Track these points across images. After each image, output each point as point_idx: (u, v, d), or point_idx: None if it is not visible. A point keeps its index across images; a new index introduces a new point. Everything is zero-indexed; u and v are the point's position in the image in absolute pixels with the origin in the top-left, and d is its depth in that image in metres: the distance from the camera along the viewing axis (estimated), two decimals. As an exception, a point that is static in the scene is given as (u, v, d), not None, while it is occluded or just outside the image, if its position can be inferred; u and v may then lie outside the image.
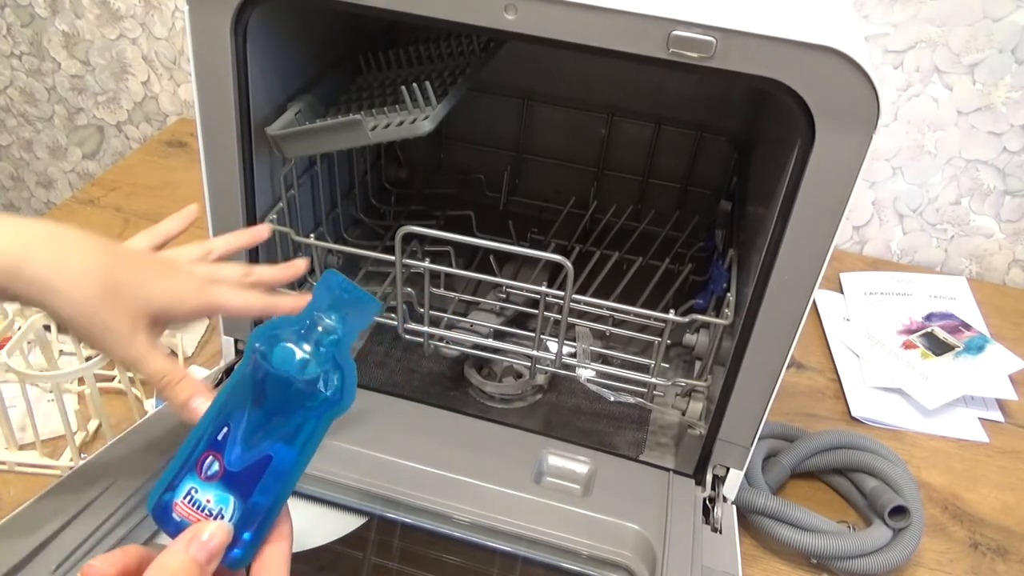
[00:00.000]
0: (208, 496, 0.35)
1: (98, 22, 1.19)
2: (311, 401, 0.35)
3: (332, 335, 0.36)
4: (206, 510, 0.35)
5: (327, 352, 0.36)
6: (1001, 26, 0.89)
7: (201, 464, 0.35)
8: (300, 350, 0.35)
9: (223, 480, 0.35)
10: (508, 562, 0.56)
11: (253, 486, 0.35)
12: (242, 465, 0.35)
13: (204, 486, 0.35)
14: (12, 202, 1.47)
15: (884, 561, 0.62)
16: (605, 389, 0.63)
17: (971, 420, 0.81)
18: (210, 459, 0.35)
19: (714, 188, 0.86)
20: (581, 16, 0.44)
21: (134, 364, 0.44)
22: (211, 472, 0.35)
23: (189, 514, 0.35)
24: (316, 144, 0.59)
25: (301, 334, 0.36)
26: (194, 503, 0.35)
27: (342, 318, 0.36)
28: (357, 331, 0.37)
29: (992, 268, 1.07)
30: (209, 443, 0.35)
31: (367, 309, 0.37)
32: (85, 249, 0.42)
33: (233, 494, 0.35)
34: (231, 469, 0.35)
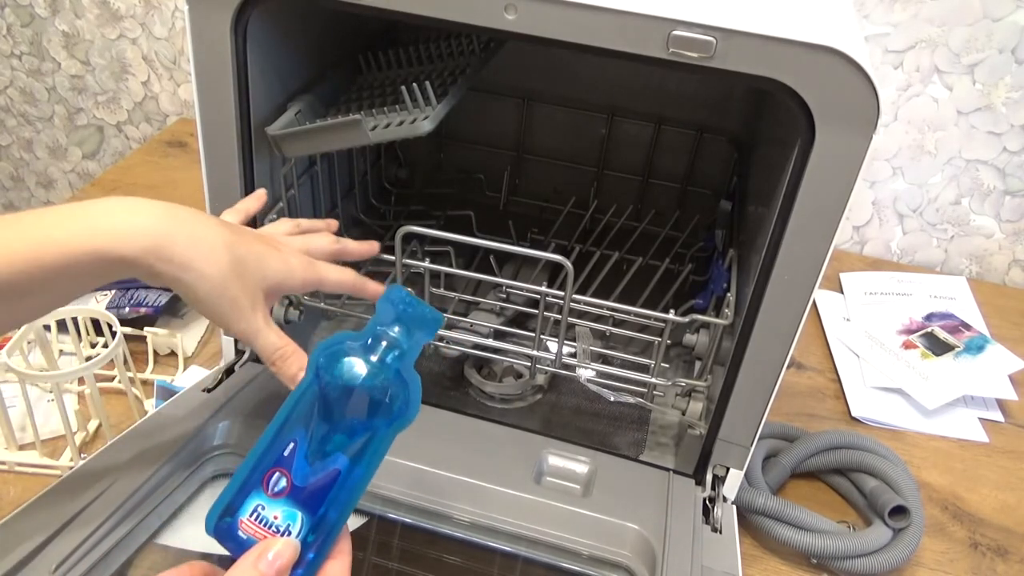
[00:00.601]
0: (276, 512, 0.35)
1: (98, 22, 1.19)
2: (378, 415, 0.36)
3: (396, 349, 0.37)
4: (273, 527, 0.35)
5: (392, 366, 0.36)
6: (1001, 26, 0.89)
7: (267, 481, 0.35)
8: (366, 365, 0.36)
9: (291, 496, 0.35)
10: (508, 562, 0.56)
11: (321, 501, 0.35)
12: (310, 480, 0.35)
13: (271, 503, 0.35)
14: (12, 202, 1.47)
15: (884, 561, 0.62)
16: (605, 389, 0.63)
17: (971, 420, 0.81)
18: (277, 475, 0.35)
19: (714, 188, 0.86)
20: (581, 16, 0.44)
21: (252, 337, 0.45)
22: (278, 488, 0.35)
23: (255, 531, 0.35)
24: (316, 144, 0.59)
25: (366, 349, 0.36)
26: (261, 520, 0.35)
27: (406, 332, 0.37)
28: (421, 345, 0.38)
29: (992, 268, 1.07)
30: (276, 460, 0.35)
31: (430, 323, 0.38)
32: (211, 226, 0.43)
33: (301, 510, 0.35)
34: (299, 484, 0.35)
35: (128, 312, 0.78)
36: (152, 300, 0.79)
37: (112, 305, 0.79)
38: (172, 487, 0.55)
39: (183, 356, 0.77)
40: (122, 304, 0.79)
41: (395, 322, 0.37)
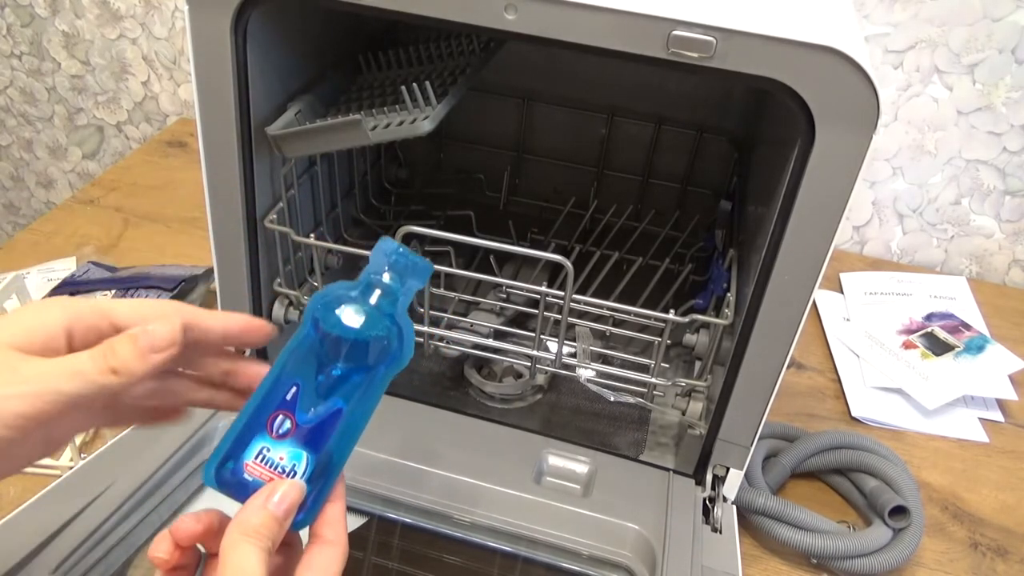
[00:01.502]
0: (281, 453, 0.36)
1: (98, 22, 1.19)
2: (375, 359, 0.38)
3: (390, 296, 0.38)
4: (279, 467, 0.36)
5: (386, 312, 0.38)
6: (1001, 26, 0.89)
7: (272, 423, 0.36)
8: (362, 312, 0.38)
9: (295, 436, 0.36)
10: (508, 562, 0.56)
11: (324, 440, 0.36)
12: (314, 420, 0.36)
13: (276, 444, 0.36)
14: (12, 202, 1.47)
15: (884, 561, 0.62)
16: (605, 389, 0.63)
17: (971, 420, 0.81)
18: (281, 418, 0.36)
19: (714, 188, 0.86)
20: (581, 16, 0.44)
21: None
22: (283, 430, 0.36)
23: (262, 472, 0.36)
24: (316, 144, 0.59)
25: (361, 297, 0.38)
26: (266, 461, 0.36)
27: (398, 280, 0.39)
28: (413, 292, 0.40)
29: (992, 268, 1.07)
30: (279, 403, 0.37)
31: (421, 270, 0.40)
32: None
33: (305, 449, 0.36)
34: (303, 425, 0.36)
35: (128, 312, 0.78)
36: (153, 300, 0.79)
37: (112, 305, 0.79)
38: (172, 487, 0.55)
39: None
40: (122, 304, 0.79)
41: (388, 270, 0.39)
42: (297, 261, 0.68)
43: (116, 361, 0.34)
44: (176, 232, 0.98)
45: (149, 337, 0.34)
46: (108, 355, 0.34)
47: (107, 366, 0.33)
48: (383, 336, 0.38)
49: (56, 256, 0.91)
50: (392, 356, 0.38)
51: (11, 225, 1.50)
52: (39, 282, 0.86)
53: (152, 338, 0.34)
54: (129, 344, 0.34)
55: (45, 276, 0.87)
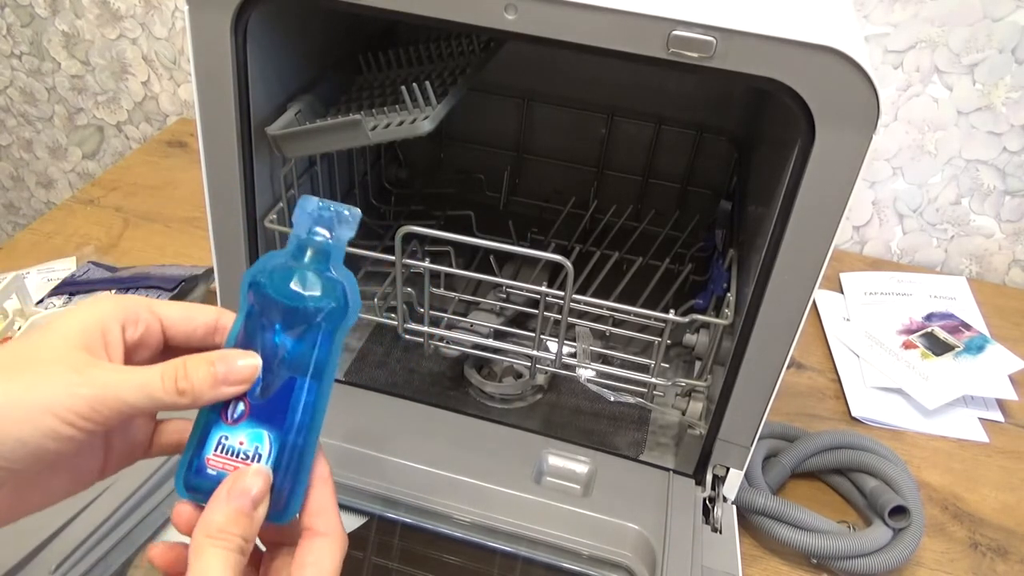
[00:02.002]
0: (240, 438, 0.34)
1: (98, 22, 1.19)
2: (320, 317, 0.36)
3: (322, 252, 0.37)
4: (241, 453, 0.34)
5: (323, 270, 0.37)
6: (1001, 26, 0.89)
7: (225, 412, 0.35)
8: (298, 275, 0.36)
9: (252, 416, 0.35)
10: (508, 562, 0.56)
11: (284, 412, 0.35)
12: (267, 395, 0.35)
13: (233, 429, 0.34)
14: (12, 202, 1.47)
15: (884, 561, 0.62)
16: (605, 389, 0.63)
17: (971, 420, 0.81)
18: (233, 403, 0.35)
19: (714, 188, 0.86)
20: (581, 16, 0.44)
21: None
22: (237, 414, 0.35)
23: (224, 464, 0.34)
24: (316, 144, 0.59)
25: (293, 259, 0.37)
26: (226, 450, 0.34)
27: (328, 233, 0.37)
28: (345, 242, 0.38)
29: (992, 268, 1.07)
30: None
31: (349, 219, 0.38)
32: None
33: (265, 427, 0.34)
34: (256, 403, 0.35)
35: (128, 312, 0.78)
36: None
37: (112, 305, 0.79)
38: (172, 487, 0.55)
39: (183, 356, 0.77)
40: (122, 304, 0.79)
41: (314, 226, 0.37)
42: (297, 261, 0.68)
43: (187, 384, 0.33)
44: (176, 232, 0.98)
45: (226, 367, 0.34)
46: (180, 375, 0.33)
47: (176, 387, 0.33)
48: (325, 295, 0.36)
49: (56, 256, 0.91)
50: (338, 312, 0.36)
51: (11, 225, 1.50)
52: (39, 282, 0.86)
53: (229, 368, 0.34)
54: (205, 369, 0.33)
55: (45, 276, 0.87)
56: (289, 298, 0.36)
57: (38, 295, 0.83)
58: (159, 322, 0.36)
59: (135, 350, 0.35)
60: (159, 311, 0.36)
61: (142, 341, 0.35)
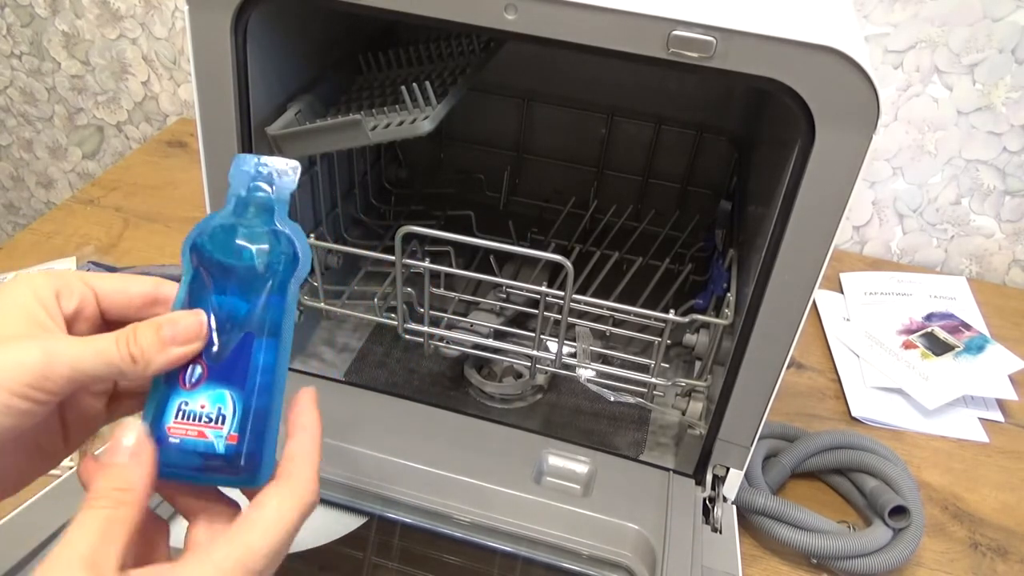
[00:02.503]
0: (200, 401, 0.33)
1: (98, 22, 1.19)
2: (271, 272, 0.35)
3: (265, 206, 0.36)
4: (203, 417, 0.33)
5: (266, 224, 0.36)
6: (1001, 26, 0.89)
7: (182, 377, 0.33)
8: (241, 232, 0.35)
9: (211, 378, 0.33)
10: (508, 562, 0.56)
11: (245, 371, 0.33)
12: (225, 355, 0.34)
13: (192, 394, 0.33)
14: (12, 202, 1.47)
15: (884, 561, 0.62)
16: (605, 389, 0.63)
17: (971, 420, 0.81)
18: (190, 367, 0.33)
19: (714, 188, 0.86)
20: (581, 16, 0.44)
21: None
22: (195, 378, 0.33)
23: (187, 430, 0.33)
24: (316, 144, 0.59)
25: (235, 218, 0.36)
26: (187, 416, 0.33)
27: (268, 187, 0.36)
28: (288, 193, 0.37)
29: (992, 268, 1.07)
30: None
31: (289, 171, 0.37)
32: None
33: (226, 386, 0.33)
34: (213, 364, 0.33)
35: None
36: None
37: (112, 305, 0.79)
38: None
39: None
40: (122, 304, 0.79)
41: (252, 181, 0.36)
42: (297, 261, 0.68)
43: (136, 349, 0.32)
44: (176, 232, 0.98)
45: (172, 328, 0.33)
46: (131, 341, 0.32)
47: (128, 352, 0.32)
48: (270, 248, 0.35)
49: (56, 256, 0.91)
50: (288, 264, 0.35)
51: (11, 225, 1.50)
52: (39, 282, 0.86)
53: (175, 329, 0.33)
54: (152, 333, 0.33)
55: (45, 276, 0.87)
56: (235, 256, 0.35)
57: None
58: (93, 293, 0.35)
59: (73, 322, 0.34)
60: (92, 283, 0.35)
61: (78, 313, 0.34)
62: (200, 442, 0.33)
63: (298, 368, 0.69)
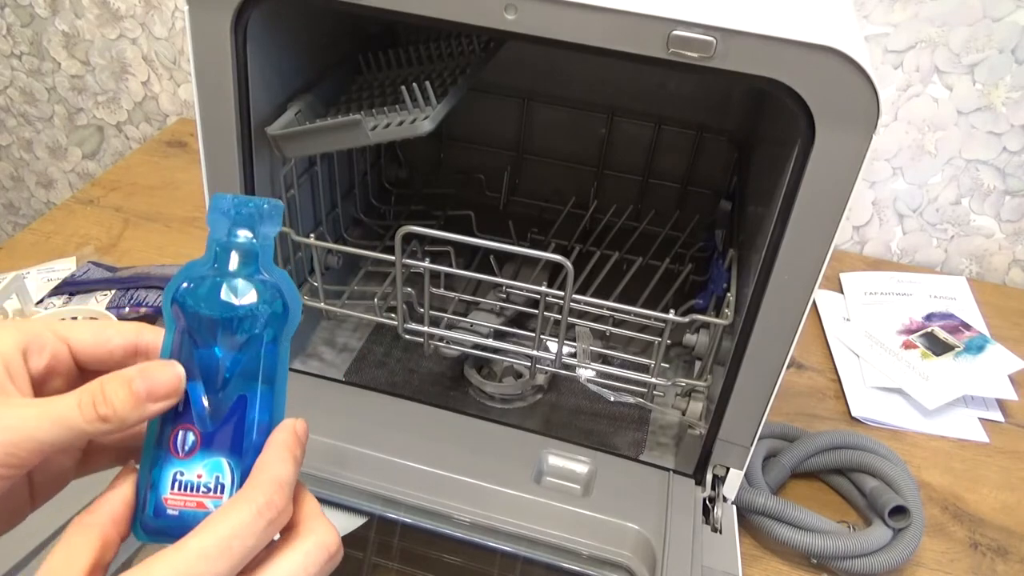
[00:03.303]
0: (197, 471, 0.31)
1: (98, 22, 1.19)
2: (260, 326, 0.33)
3: (248, 255, 0.33)
4: (201, 487, 0.31)
5: (252, 273, 0.33)
6: (1001, 26, 0.89)
7: (174, 444, 0.32)
8: (224, 283, 0.33)
9: (204, 446, 0.32)
10: (508, 562, 0.56)
11: (241, 436, 0.32)
12: (218, 421, 0.32)
13: (187, 463, 0.32)
14: (12, 202, 1.47)
15: (884, 561, 0.62)
16: (605, 389, 0.63)
17: (971, 420, 0.81)
18: (181, 434, 0.32)
19: (714, 188, 0.86)
20: (581, 16, 0.44)
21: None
22: (188, 446, 0.32)
23: (185, 501, 0.31)
24: (316, 144, 0.59)
25: (216, 268, 0.33)
26: (184, 486, 0.31)
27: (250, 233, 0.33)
28: (272, 239, 0.34)
29: (992, 268, 1.07)
30: (174, 420, 0.32)
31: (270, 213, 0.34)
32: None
33: (222, 454, 0.32)
34: (208, 430, 0.32)
35: (128, 312, 0.78)
36: (152, 300, 0.79)
37: (112, 305, 0.79)
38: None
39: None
40: (122, 304, 0.79)
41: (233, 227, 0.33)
42: (297, 261, 0.68)
43: (107, 408, 0.30)
44: (176, 232, 0.98)
45: (147, 383, 0.30)
46: (98, 401, 0.30)
47: (96, 414, 0.30)
48: (261, 301, 0.33)
49: (56, 256, 0.91)
50: (278, 317, 0.33)
51: (11, 225, 1.50)
52: (39, 282, 0.86)
53: (150, 383, 0.31)
54: (123, 389, 0.30)
55: (45, 276, 0.87)
56: (221, 311, 0.32)
57: (38, 295, 0.83)
58: (66, 347, 0.33)
59: (46, 380, 0.32)
60: (66, 334, 0.33)
61: (51, 369, 0.32)
62: (200, 513, 0.32)
63: (298, 368, 0.69)
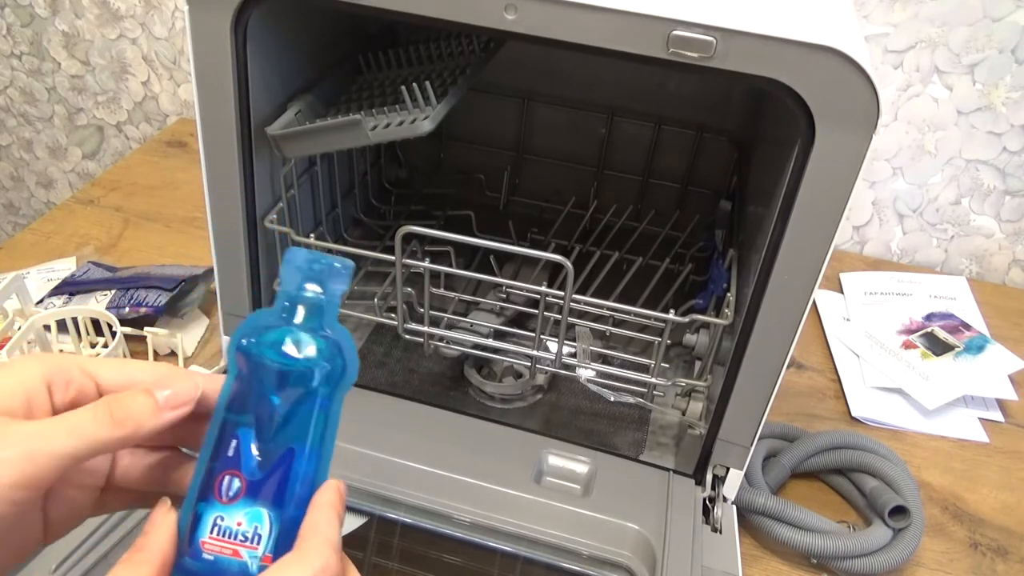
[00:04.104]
0: (237, 518, 0.32)
1: (98, 22, 1.19)
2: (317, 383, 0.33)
3: (316, 311, 0.34)
4: (239, 535, 0.32)
5: (317, 330, 0.34)
6: (1001, 26, 0.89)
7: (219, 488, 0.32)
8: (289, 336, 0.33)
9: (248, 494, 0.32)
10: (508, 562, 0.56)
11: (284, 489, 0.32)
12: (265, 471, 0.32)
13: (229, 509, 0.32)
14: (12, 202, 1.47)
15: (884, 561, 0.62)
16: (605, 389, 0.63)
17: (971, 420, 0.81)
18: (227, 479, 0.32)
19: (714, 188, 0.86)
20: (581, 16, 0.44)
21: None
22: (233, 492, 0.32)
23: (222, 548, 0.32)
24: (316, 144, 0.59)
25: (284, 320, 0.34)
26: (223, 532, 0.32)
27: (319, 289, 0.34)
28: (339, 297, 0.35)
29: (992, 268, 1.07)
30: (223, 463, 0.32)
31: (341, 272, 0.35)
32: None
33: (264, 506, 0.32)
34: (254, 479, 0.32)
35: (128, 312, 0.78)
36: (152, 300, 0.79)
37: (112, 305, 0.79)
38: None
39: (183, 356, 0.77)
40: (122, 304, 0.79)
41: (304, 283, 0.34)
42: (297, 261, 0.68)
43: (122, 413, 0.30)
44: (176, 232, 0.98)
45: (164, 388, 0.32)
46: (113, 407, 0.30)
47: (111, 419, 0.30)
48: (320, 358, 0.33)
49: (56, 256, 0.91)
50: (336, 375, 0.34)
51: (11, 225, 1.50)
52: (39, 282, 0.86)
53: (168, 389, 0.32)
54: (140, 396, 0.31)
55: (45, 276, 0.87)
56: (283, 363, 0.33)
57: (38, 295, 0.83)
58: (94, 383, 0.33)
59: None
60: (94, 371, 0.33)
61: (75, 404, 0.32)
62: (235, 562, 0.32)
63: (298, 368, 0.69)
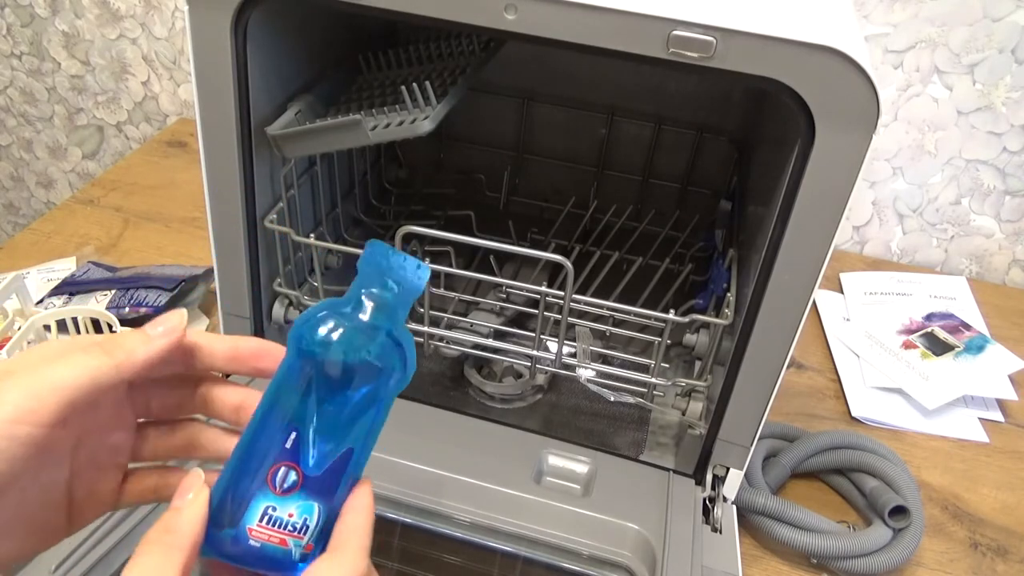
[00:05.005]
0: (290, 510, 0.32)
1: (98, 22, 1.19)
2: (381, 382, 0.33)
3: (385, 310, 0.34)
4: (289, 525, 0.32)
5: (383, 329, 0.33)
6: (1001, 26, 0.89)
7: (273, 479, 0.32)
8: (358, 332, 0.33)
9: (304, 488, 0.32)
10: (508, 562, 0.56)
11: (336, 486, 0.33)
12: (324, 467, 0.33)
13: (283, 501, 0.32)
14: (12, 202, 1.47)
15: (884, 561, 0.62)
16: (605, 389, 0.63)
17: (971, 420, 0.81)
18: (284, 470, 0.32)
19: (714, 188, 0.86)
20: (581, 16, 0.44)
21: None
22: (288, 484, 0.32)
23: (270, 536, 0.32)
24: (316, 144, 0.59)
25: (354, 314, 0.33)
26: (274, 522, 0.32)
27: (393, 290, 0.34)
28: (411, 301, 0.35)
29: (992, 268, 1.07)
30: (278, 452, 0.32)
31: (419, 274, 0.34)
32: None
33: (317, 500, 0.32)
34: (311, 475, 0.32)
35: (128, 312, 0.78)
36: (152, 300, 0.79)
37: (112, 305, 0.79)
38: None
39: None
40: (122, 304, 0.79)
41: (380, 280, 0.34)
42: (297, 261, 0.68)
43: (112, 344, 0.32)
44: (176, 232, 0.98)
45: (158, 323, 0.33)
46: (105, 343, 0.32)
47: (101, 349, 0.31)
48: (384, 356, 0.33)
49: (56, 256, 0.91)
50: (395, 377, 0.34)
51: (11, 225, 1.50)
52: (39, 282, 0.86)
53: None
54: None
55: (45, 276, 0.87)
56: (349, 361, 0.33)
57: (38, 295, 0.83)
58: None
59: None
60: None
61: None
62: (280, 549, 0.32)
63: (298, 368, 0.69)
